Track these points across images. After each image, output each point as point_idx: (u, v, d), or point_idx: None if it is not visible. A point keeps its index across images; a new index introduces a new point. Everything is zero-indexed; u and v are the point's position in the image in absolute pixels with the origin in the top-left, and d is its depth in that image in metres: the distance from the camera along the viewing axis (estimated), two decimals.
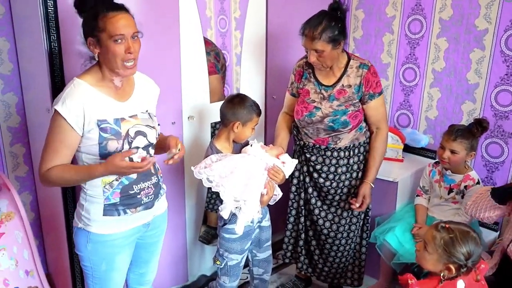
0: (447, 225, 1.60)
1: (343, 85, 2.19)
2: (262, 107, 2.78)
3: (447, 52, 2.70)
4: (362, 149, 2.30)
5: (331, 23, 2.05)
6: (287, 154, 2.09)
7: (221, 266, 2.15)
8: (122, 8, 1.57)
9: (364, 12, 3.04)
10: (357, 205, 2.22)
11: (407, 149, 2.80)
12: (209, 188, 2.03)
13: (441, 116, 2.80)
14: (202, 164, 1.94)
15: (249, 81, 2.69)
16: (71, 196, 2.09)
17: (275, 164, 2.00)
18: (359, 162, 2.30)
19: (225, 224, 2.09)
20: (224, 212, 1.91)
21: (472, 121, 2.31)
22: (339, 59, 2.18)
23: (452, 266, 1.56)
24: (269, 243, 2.26)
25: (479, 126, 2.25)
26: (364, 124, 2.27)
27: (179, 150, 1.70)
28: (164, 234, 1.96)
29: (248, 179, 1.92)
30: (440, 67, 2.74)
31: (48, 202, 2.28)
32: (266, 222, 2.22)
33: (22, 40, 2.08)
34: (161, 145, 1.78)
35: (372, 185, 2.26)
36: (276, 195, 2.05)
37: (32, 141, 2.28)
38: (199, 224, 2.63)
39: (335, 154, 2.25)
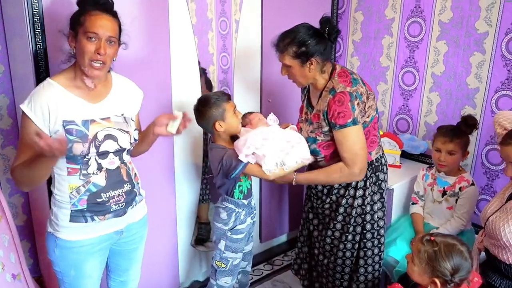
0: (432, 238, 1.52)
1: (317, 109, 1.96)
2: (258, 110, 2.76)
3: (447, 56, 2.62)
4: (367, 174, 2.00)
5: (303, 37, 1.82)
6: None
7: (226, 268, 2.16)
8: (110, 11, 1.55)
9: (363, 14, 2.98)
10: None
11: (406, 155, 2.73)
12: (203, 179, 2.04)
13: (440, 121, 2.72)
14: (241, 143, 1.90)
15: (244, 84, 2.65)
16: None
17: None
18: (358, 188, 2.03)
19: (234, 227, 2.11)
20: (269, 163, 1.89)
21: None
22: (318, 79, 1.94)
23: (437, 281, 1.48)
24: (253, 234, 2.31)
25: (466, 125, 2.25)
26: None
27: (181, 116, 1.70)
28: (144, 240, 1.91)
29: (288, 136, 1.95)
30: (440, 71, 2.67)
31: (39, 204, 2.26)
32: (255, 218, 2.26)
33: (12, 41, 2.07)
34: (144, 138, 1.77)
35: (294, 181, 2.00)
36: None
37: None
38: (192, 225, 2.58)
39: None
